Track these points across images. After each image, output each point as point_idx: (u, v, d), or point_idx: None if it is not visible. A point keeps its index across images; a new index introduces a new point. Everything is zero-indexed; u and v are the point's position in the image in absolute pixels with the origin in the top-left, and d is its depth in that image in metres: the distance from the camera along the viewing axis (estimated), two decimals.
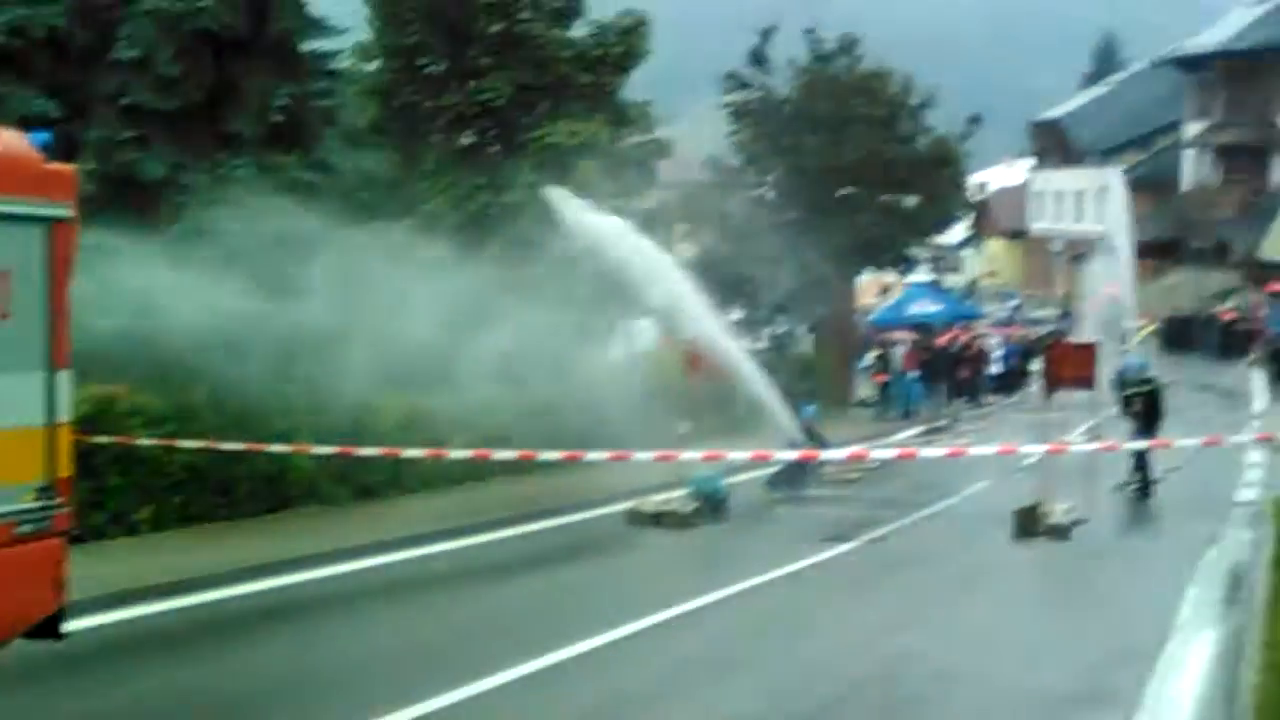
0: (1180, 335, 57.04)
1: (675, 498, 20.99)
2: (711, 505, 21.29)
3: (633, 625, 13.79)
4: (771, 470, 23.78)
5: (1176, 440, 20.86)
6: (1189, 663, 12.55)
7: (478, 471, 22.93)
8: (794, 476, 24.01)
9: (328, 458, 19.64)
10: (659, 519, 20.51)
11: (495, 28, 28.91)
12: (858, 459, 23.63)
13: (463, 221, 27.27)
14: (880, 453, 21.61)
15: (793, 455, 22.06)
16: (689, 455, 17.07)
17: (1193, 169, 73.84)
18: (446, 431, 22.35)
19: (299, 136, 24.42)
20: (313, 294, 21.38)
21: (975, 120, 42.47)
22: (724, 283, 33.30)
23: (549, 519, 20.96)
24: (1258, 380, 45.10)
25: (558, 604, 15.46)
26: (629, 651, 13.02)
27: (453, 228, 26.28)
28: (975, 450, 17.67)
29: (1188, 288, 63.23)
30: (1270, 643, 12.41)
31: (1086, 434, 24.57)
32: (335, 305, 22.28)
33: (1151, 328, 50.39)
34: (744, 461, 19.57)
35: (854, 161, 40.08)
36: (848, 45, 41.41)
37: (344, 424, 20.29)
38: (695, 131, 41.06)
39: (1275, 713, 10.03)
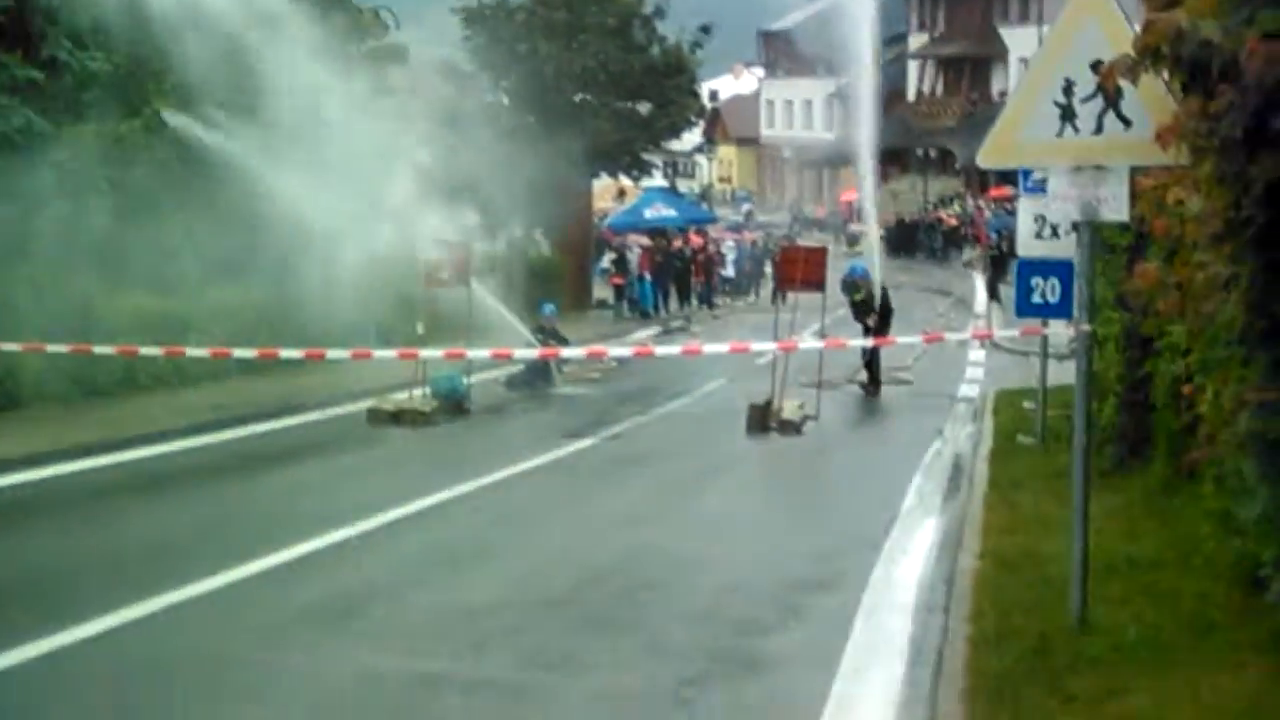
0: (905, 240, 58.71)
1: (415, 396, 21.03)
2: (451, 403, 21.38)
3: (373, 521, 13.83)
4: (511, 369, 23.95)
5: (899, 338, 21.58)
6: (913, 549, 13.09)
7: (215, 371, 22.61)
8: (533, 375, 24.24)
9: (57, 356, 19.14)
10: (399, 417, 20.52)
11: None
12: (596, 357, 23.92)
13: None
14: (618, 351, 21.92)
15: (533, 354, 22.24)
16: (430, 353, 17.09)
17: (917, 80, 75.70)
18: (181, 330, 22.02)
19: (22, 35, 23.53)
20: (38, 193, 20.85)
21: (706, 30, 43.12)
22: (461, 187, 33.24)
23: (289, 417, 20.86)
24: (977, 281, 46.66)
25: (298, 500, 15.39)
26: (370, 545, 13.07)
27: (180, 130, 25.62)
28: (710, 349, 18.09)
29: (912, 194, 65.02)
30: (986, 529, 13.03)
31: (816, 334, 25.25)
32: (63, 204, 21.74)
33: (879, 232, 51.65)
34: (485, 360, 19.65)
35: (588, 69, 40.26)
36: None
37: (73, 322, 19.78)
38: (430, 36, 40.79)
39: (990, 593, 10.54)
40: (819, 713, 8.42)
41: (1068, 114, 9.25)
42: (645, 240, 44.72)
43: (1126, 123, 9.06)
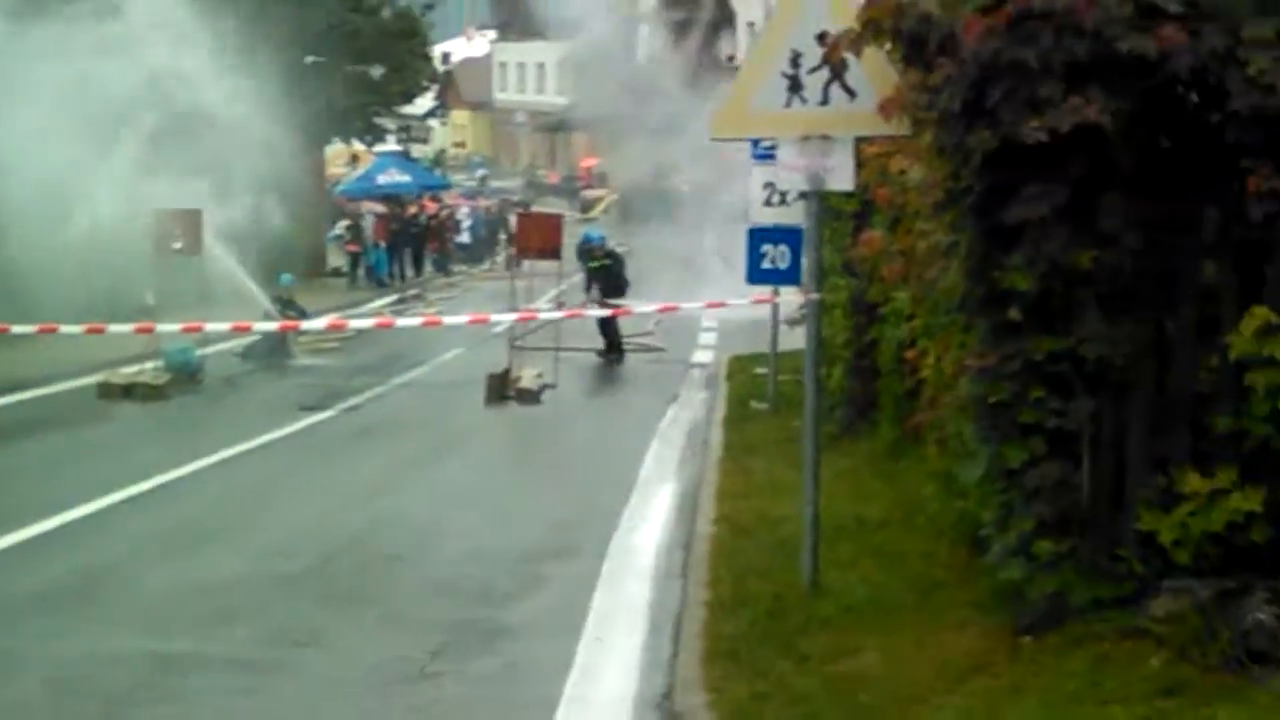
0: (639, 206, 59.13)
1: (147, 369, 20.61)
2: (185, 376, 21.01)
3: (106, 499, 13.61)
4: (247, 340, 23.60)
5: (637, 307, 21.83)
6: (651, 515, 13.33)
7: None
8: (270, 346, 23.92)
9: None
10: (130, 391, 20.10)
11: None
12: (337, 329, 23.73)
13: None
14: (360, 322, 21.75)
15: (272, 326, 21.96)
16: (167, 328, 16.73)
17: (647, 43, 76.18)
18: None
19: None
20: None
21: None
22: (190, 151, 32.58)
23: (13, 394, 20.24)
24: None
25: (26, 479, 15.01)
26: (102, 525, 12.87)
27: None
28: (450, 320, 18.09)
29: (646, 159, 65.48)
30: (721, 494, 13.33)
31: (552, 302, 25.40)
32: None
33: (613, 198, 52.04)
34: (224, 332, 19.34)
35: (319, 31, 39.73)
36: None
37: None
38: None
39: (726, 558, 10.80)
40: (563, 680, 8.56)
41: (795, 85, 9.48)
42: (379, 207, 44.37)
43: (851, 94, 9.31)
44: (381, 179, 47.82)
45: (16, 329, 14.39)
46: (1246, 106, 7.05)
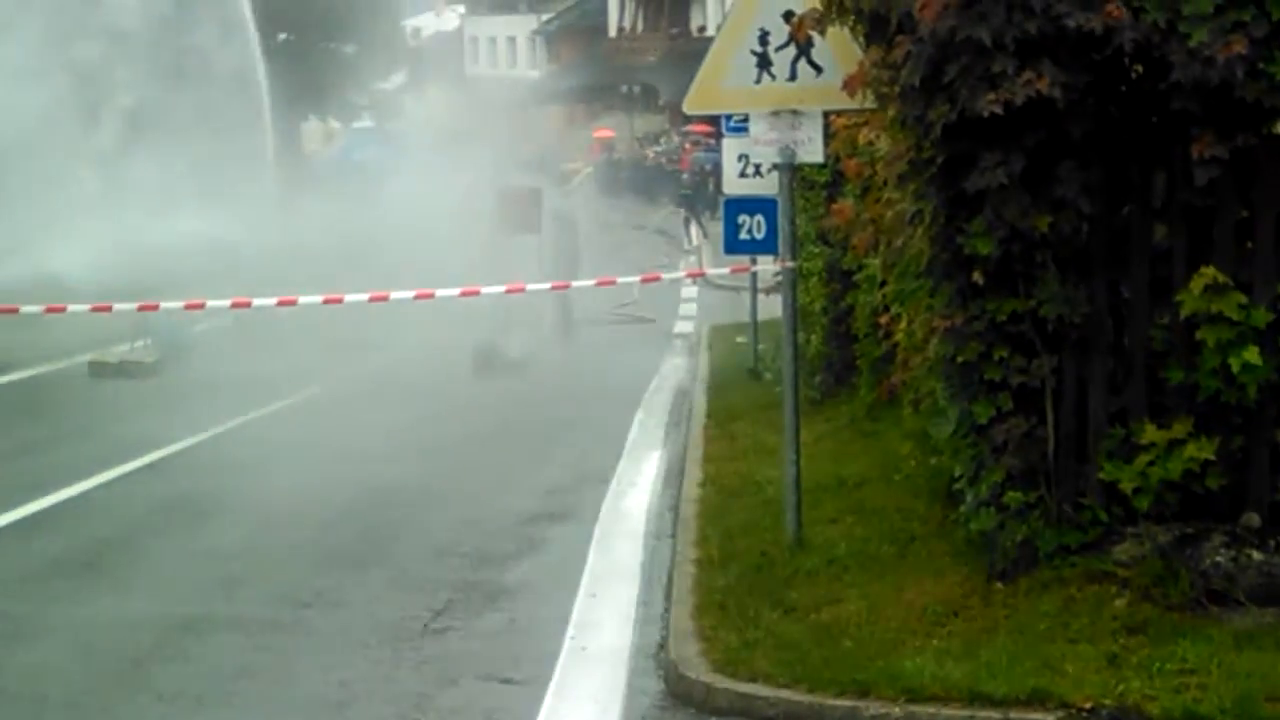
0: (613, 178, 59.36)
1: (138, 347, 20.89)
2: (177, 353, 21.23)
3: (106, 474, 14.00)
4: None
5: (620, 278, 22.08)
6: (639, 480, 13.75)
7: None
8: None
9: None
10: (123, 369, 20.39)
11: None
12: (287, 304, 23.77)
13: None
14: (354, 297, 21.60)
15: (224, 304, 21.57)
16: (171, 305, 16.78)
17: (618, 16, 76.15)
18: None
19: None
20: None
21: None
22: (167, 129, 32.94)
23: (5, 374, 20.53)
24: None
25: (25, 457, 15.31)
26: (103, 500, 13.24)
27: None
28: (442, 293, 18.24)
29: (620, 132, 65.65)
30: (707, 459, 13.76)
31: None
32: None
33: (588, 170, 52.31)
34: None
35: (289, 6, 39.92)
36: None
37: None
38: None
39: (714, 519, 11.23)
40: (562, 634, 9.00)
41: (764, 62, 9.89)
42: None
43: (818, 69, 9.71)
44: (359, 155, 48.10)
45: (25, 309, 14.62)
46: (1188, 78, 7.44)
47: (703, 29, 63.44)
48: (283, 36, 41.00)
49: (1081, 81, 7.68)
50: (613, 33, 75.77)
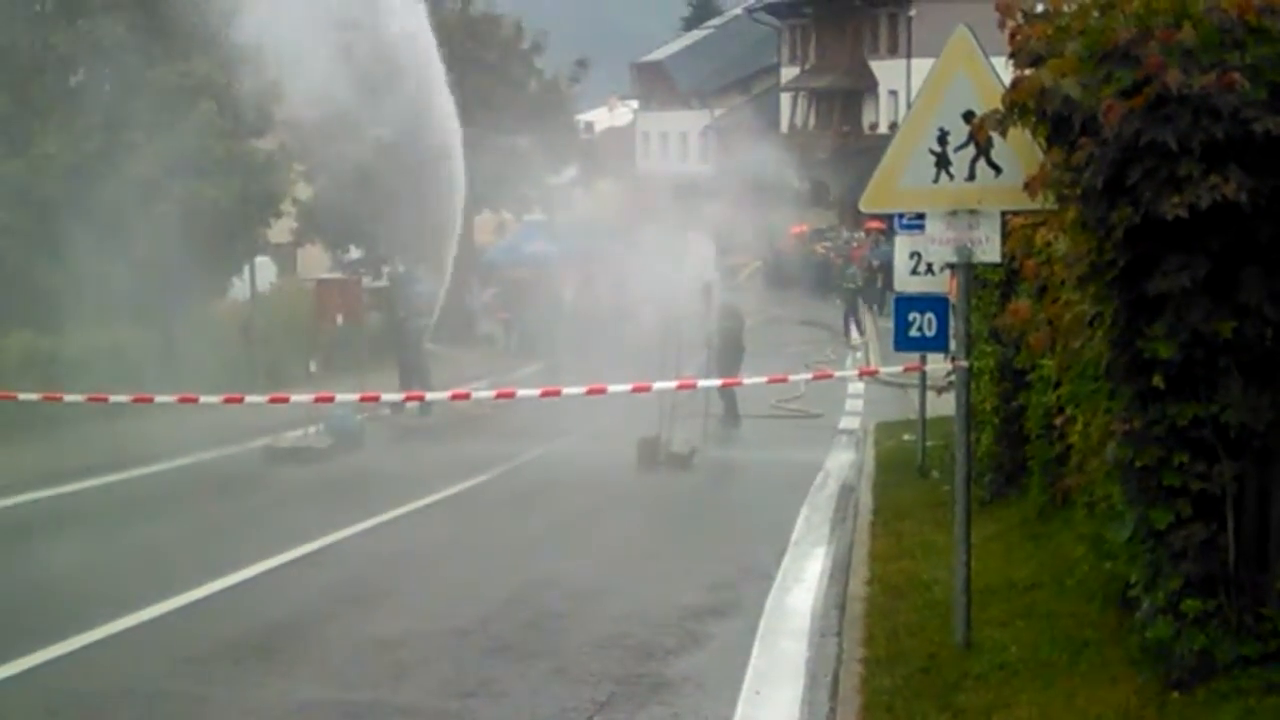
0: (782, 273, 59.32)
1: (310, 433, 21.30)
2: (347, 440, 21.63)
3: (278, 559, 14.20)
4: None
5: (791, 375, 22.05)
6: (805, 577, 13.65)
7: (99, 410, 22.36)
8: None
9: None
10: (296, 454, 20.78)
11: None
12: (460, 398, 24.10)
13: (78, 162, 26.65)
14: (481, 394, 21.66)
15: (398, 398, 21.94)
16: (300, 398, 17.02)
17: (790, 113, 76.62)
18: (68, 370, 21.88)
19: None
20: None
21: (582, 64, 43.80)
22: (343, 222, 33.56)
23: (184, 457, 20.97)
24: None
25: (203, 540, 15.65)
26: (275, 584, 13.44)
27: (67, 168, 25.72)
28: (615, 389, 18.34)
29: (789, 227, 65.69)
30: (874, 557, 13.62)
31: (700, 370, 25.71)
32: None
33: (756, 264, 52.33)
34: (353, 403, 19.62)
35: (467, 104, 40.61)
36: None
37: None
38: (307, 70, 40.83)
39: (880, 618, 11.10)
40: None
41: (942, 161, 9.86)
42: (531, 273, 44.98)
43: (997, 170, 9.67)
44: (529, 247, 48.55)
45: (160, 399, 14.87)
46: None
47: (874, 126, 63.54)
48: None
49: (1269, 186, 7.54)
50: (784, 129, 76.13)
